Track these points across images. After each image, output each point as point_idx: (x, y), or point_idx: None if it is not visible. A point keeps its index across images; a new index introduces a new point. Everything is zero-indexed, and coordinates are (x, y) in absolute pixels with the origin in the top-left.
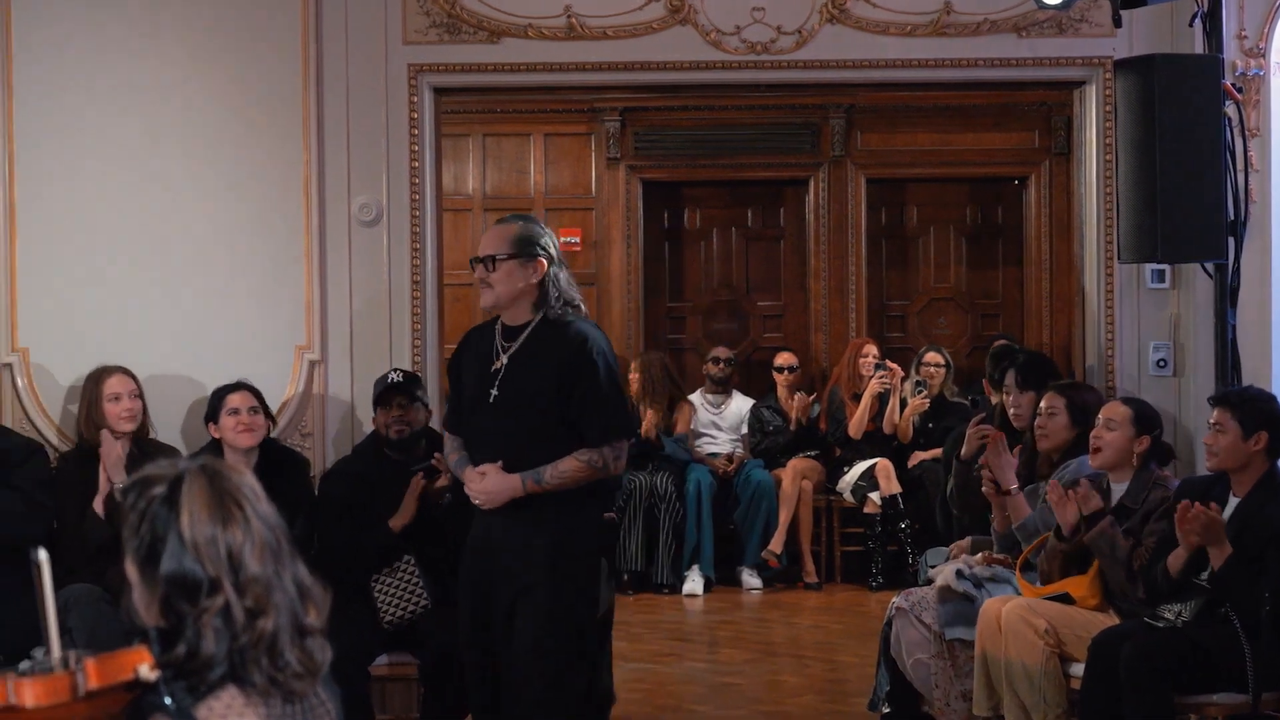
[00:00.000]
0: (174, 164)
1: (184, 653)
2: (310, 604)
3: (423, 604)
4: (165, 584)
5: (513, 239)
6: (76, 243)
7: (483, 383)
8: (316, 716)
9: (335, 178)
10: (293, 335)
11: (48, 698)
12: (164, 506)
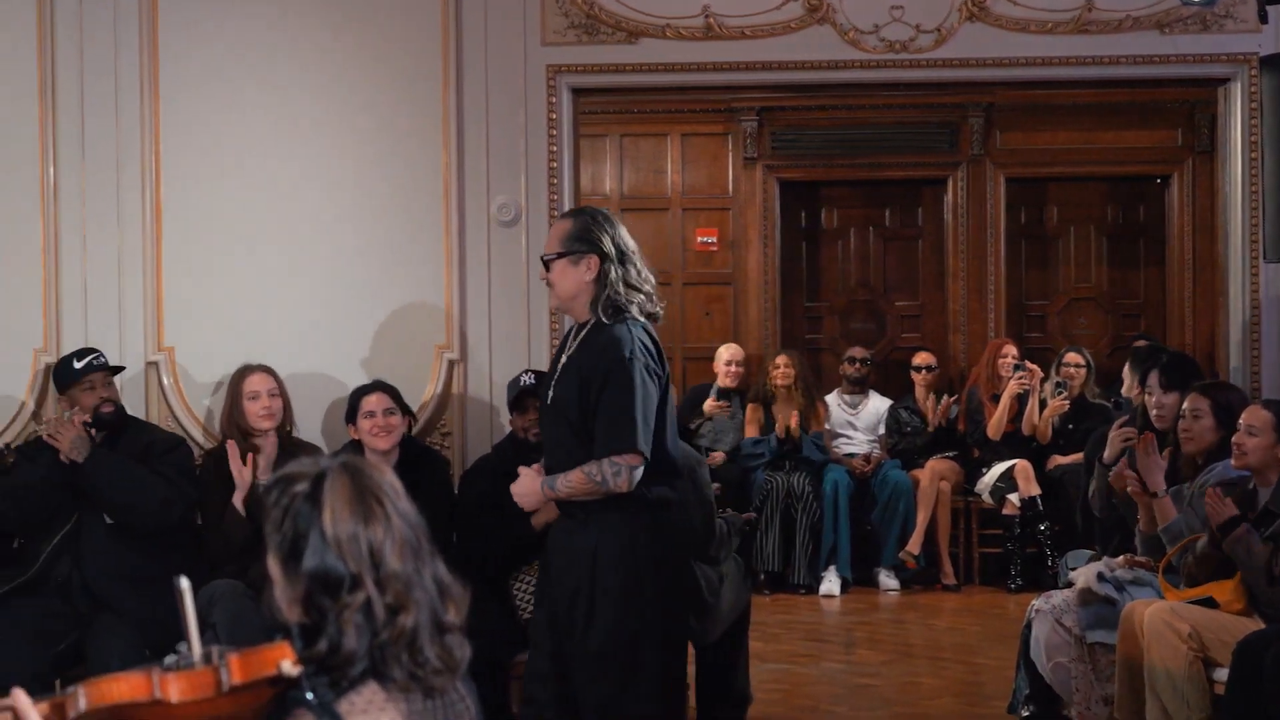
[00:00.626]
0: (316, 166)
1: (326, 648)
2: (450, 601)
3: None
4: (307, 580)
5: (564, 236)
6: (220, 243)
7: (546, 384)
8: (456, 713)
9: (474, 178)
10: (432, 335)
11: (192, 692)
12: (307, 504)
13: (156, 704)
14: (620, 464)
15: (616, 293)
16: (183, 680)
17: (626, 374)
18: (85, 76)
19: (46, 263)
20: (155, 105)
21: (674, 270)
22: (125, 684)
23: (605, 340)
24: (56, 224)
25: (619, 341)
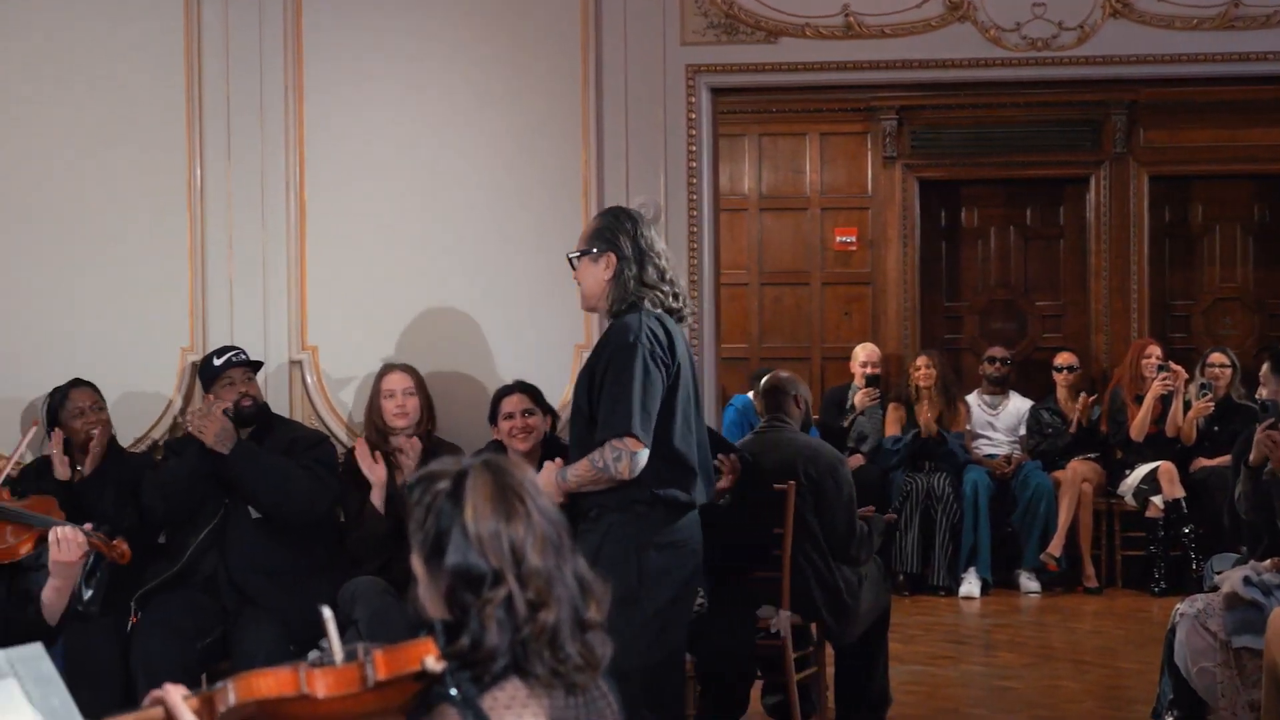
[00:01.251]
0: (456, 165)
1: (468, 644)
2: (591, 598)
3: (699, 602)
4: (450, 577)
5: (590, 234)
6: (363, 242)
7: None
8: (598, 709)
9: (614, 178)
10: (572, 334)
11: (339, 688)
12: (448, 502)
13: (303, 699)
14: (620, 449)
15: (628, 290)
16: (329, 676)
17: (627, 358)
18: (231, 78)
19: (193, 263)
20: (299, 106)
21: (812, 270)
22: (273, 679)
23: (611, 330)
24: (203, 225)
25: (624, 328)
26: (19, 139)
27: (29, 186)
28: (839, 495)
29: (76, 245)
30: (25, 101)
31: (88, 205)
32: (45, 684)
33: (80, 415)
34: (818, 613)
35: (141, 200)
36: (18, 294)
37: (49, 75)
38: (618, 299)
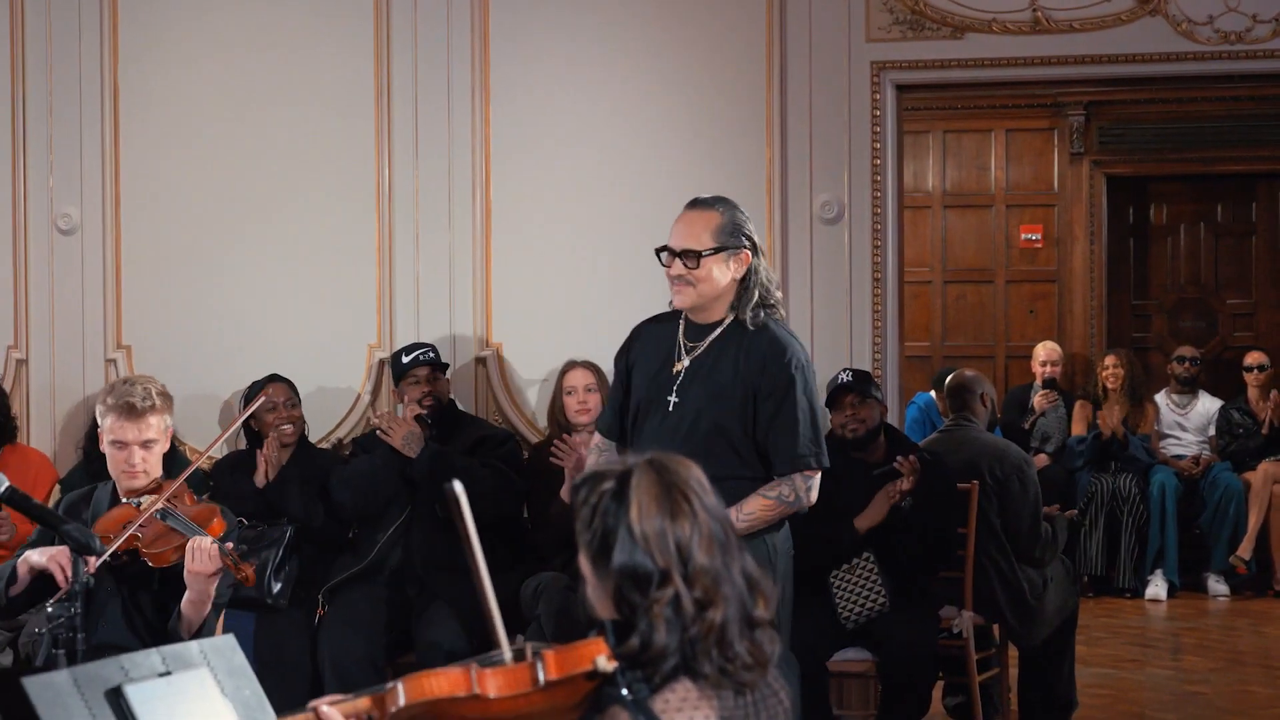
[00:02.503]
0: (640, 164)
1: (638, 645)
2: (760, 596)
3: (881, 602)
4: (617, 576)
5: (717, 229)
6: (547, 241)
7: (660, 386)
8: (768, 706)
9: (797, 176)
10: None
11: (509, 688)
12: (614, 501)
13: (474, 699)
14: (812, 479)
15: (767, 291)
16: (500, 676)
17: (805, 382)
18: (419, 78)
19: (381, 261)
20: (486, 107)
21: (996, 268)
22: (444, 679)
23: (773, 343)
24: (391, 224)
25: (792, 347)
26: (214, 147)
27: (223, 192)
28: (1024, 495)
29: (271, 246)
30: (219, 112)
31: (281, 208)
32: (237, 675)
33: (273, 409)
34: (1001, 614)
35: (332, 202)
36: (216, 295)
37: (240, 86)
38: (746, 303)
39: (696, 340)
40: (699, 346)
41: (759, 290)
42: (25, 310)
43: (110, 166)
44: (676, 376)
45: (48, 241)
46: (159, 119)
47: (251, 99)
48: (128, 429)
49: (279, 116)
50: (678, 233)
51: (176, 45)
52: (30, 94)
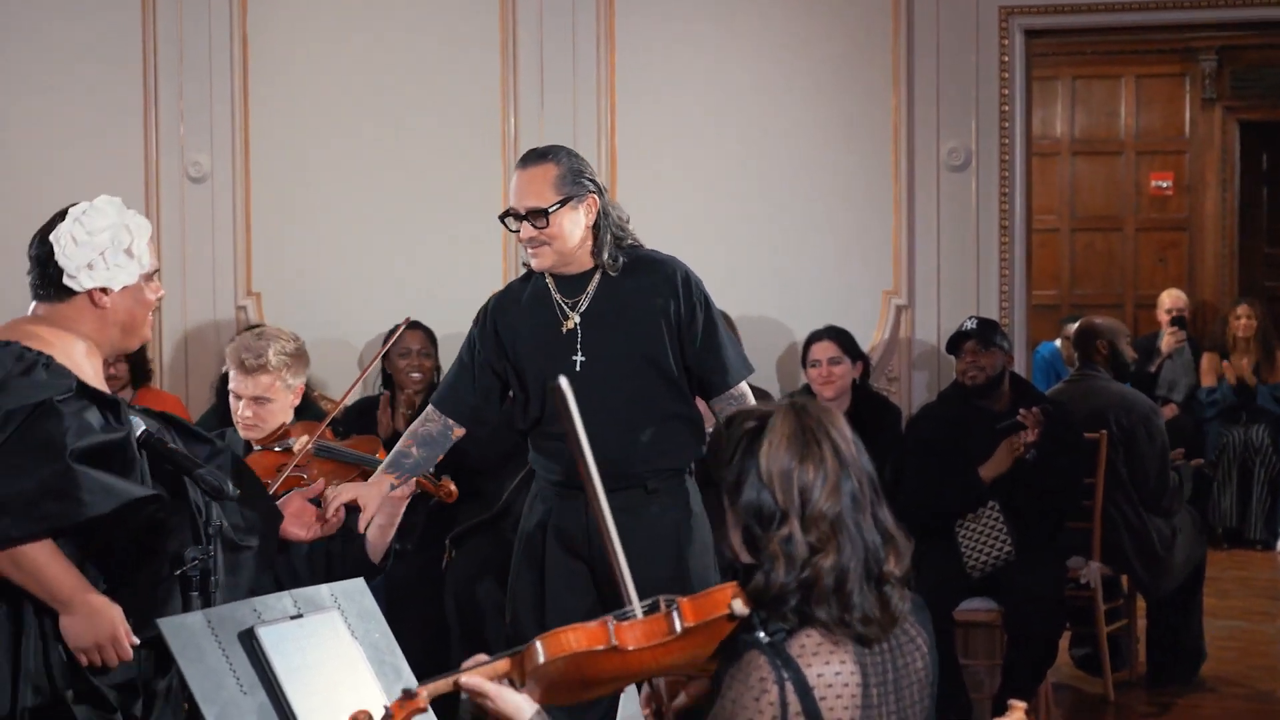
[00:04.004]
0: (765, 112)
1: (762, 582)
2: (892, 551)
3: (1007, 551)
4: (744, 513)
5: (558, 180)
6: (672, 193)
7: (555, 351)
8: (906, 654)
9: (924, 123)
10: (880, 280)
11: (647, 639)
12: (750, 440)
13: (612, 651)
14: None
15: (621, 230)
16: (637, 627)
17: (706, 294)
18: (544, 26)
19: None
20: (611, 54)
21: (1126, 215)
22: (582, 633)
23: (668, 273)
24: None
25: (684, 269)
26: (341, 93)
27: (350, 139)
28: (1151, 446)
29: (399, 193)
30: (346, 58)
31: (408, 154)
32: (367, 618)
33: (406, 355)
34: (1129, 564)
35: (458, 149)
36: (345, 242)
37: (367, 32)
38: (603, 247)
39: (574, 295)
40: (581, 300)
41: (613, 230)
42: (159, 256)
43: (240, 114)
44: (572, 336)
45: (179, 189)
46: (288, 67)
47: (378, 45)
48: (241, 383)
49: (405, 63)
50: (518, 192)
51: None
52: (161, 43)
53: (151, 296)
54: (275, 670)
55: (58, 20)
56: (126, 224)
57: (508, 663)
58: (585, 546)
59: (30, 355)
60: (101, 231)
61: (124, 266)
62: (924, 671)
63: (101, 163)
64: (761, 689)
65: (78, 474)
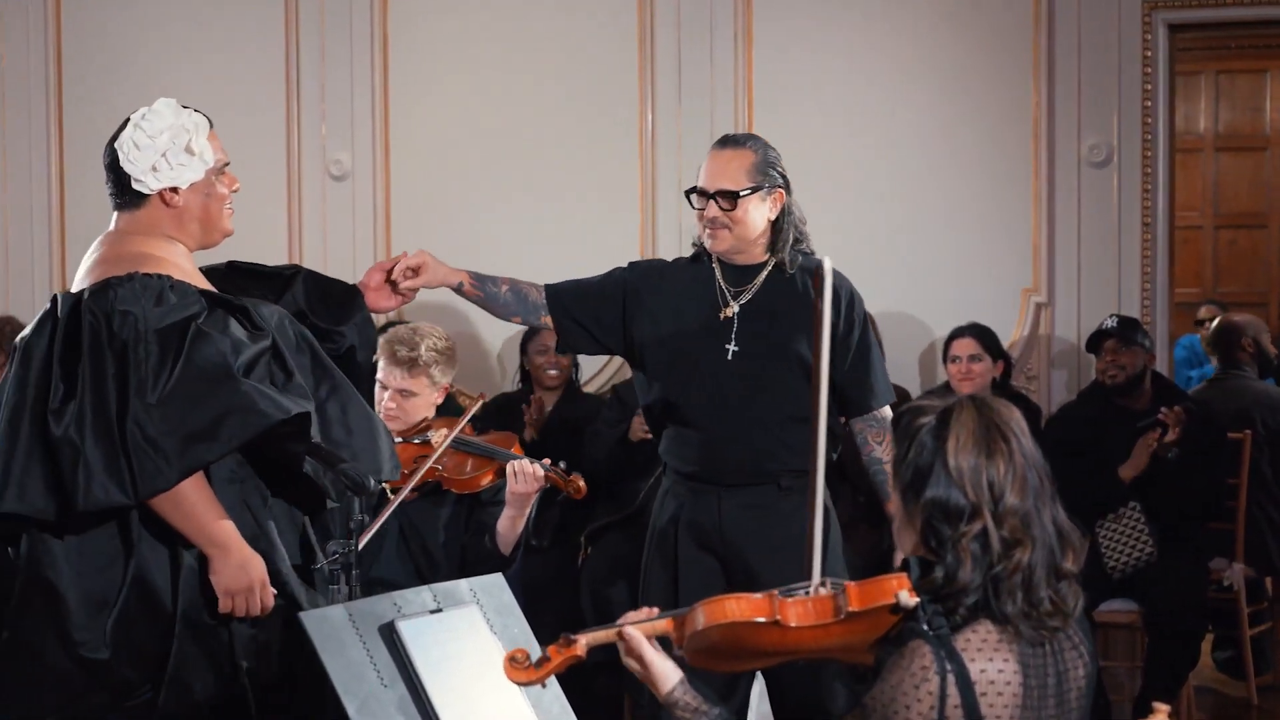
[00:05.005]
0: (906, 108)
1: (941, 577)
2: (1069, 548)
3: (1148, 552)
4: (927, 509)
5: (752, 167)
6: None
7: (708, 334)
8: (1068, 660)
9: (1065, 119)
10: (1020, 278)
11: (810, 618)
12: (931, 436)
13: (774, 625)
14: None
15: (800, 231)
16: (801, 606)
17: (866, 320)
18: (682, 24)
19: (644, 208)
20: (748, 50)
21: (1270, 213)
22: (746, 604)
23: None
24: (654, 169)
25: (844, 285)
26: (480, 92)
27: (489, 137)
28: None
29: (537, 190)
30: (486, 57)
31: (546, 152)
32: (506, 613)
33: (543, 353)
34: (1273, 566)
35: (596, 146)
36: (484, 239)
37: (506, 32)
38: (784, 243)
39: (741, 284)
40: (746, 291)
41: (793, 229)
42: (300, 254)
43: (380, 113)
44: (729, 323)
45: (320, 187)
46: (427, 65)
47: (517, 45)
48: (389, 373)
49: (544, 62)
50: (711, 173)
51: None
52: (303, 44)
53: (224, 190)
54: (415, 664)
55: (202, 19)
56: (184, 123)
57: (669, 623)
58: (718, 541)
59: (153, 282)
60: (161, 133)
61: (187, 165)
62: (1085, 680)
63: (244, 161)
64: (923, 677)
65: (250, 390)
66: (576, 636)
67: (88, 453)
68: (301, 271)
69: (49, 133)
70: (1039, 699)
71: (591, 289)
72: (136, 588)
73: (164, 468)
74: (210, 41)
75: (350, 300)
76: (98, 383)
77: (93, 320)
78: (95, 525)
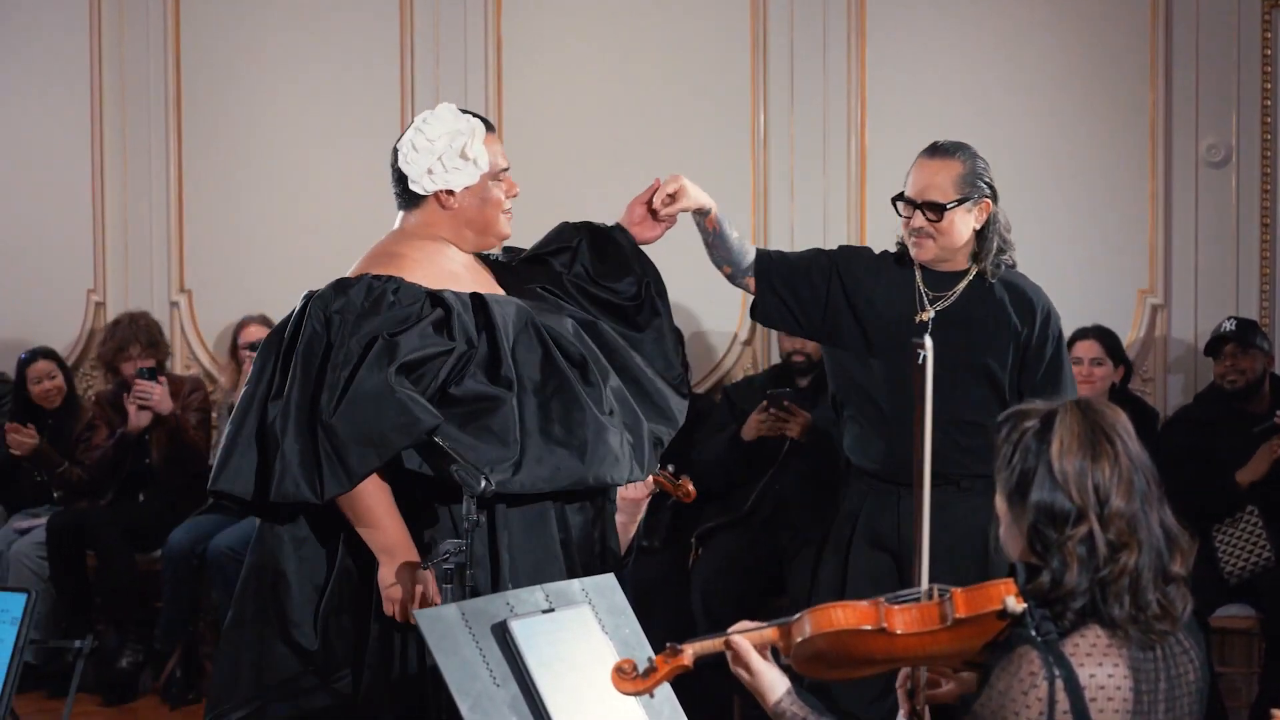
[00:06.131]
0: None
1: (1048, 582)
2: (1178, 551)
3: (1266, 557)
4: (1032, 513)
5: (959, 178)
6: None
7: (903, 335)
8: (1179, 664)
9: (1183, 118)
10: (1136, 278)
11: (917, 625)
12: (1036, 440)
13: (880, 633)
14: None
15: (1004, 241)
16: (908, 613)
17: (1061, 338)
18: (795, 30)
19: (756, 209)
20: (862, 49)
21: None
22: (851, 612)
23: (1030, 302)
24: (766, 170)
25: (1048, 304)
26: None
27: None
28: None
29: None
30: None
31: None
32: (618, 614)
33: None
34: None
35: (708, 147)
36: None
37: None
38: (988, 253)
39: (940, 290)
40: (945, 297)
41: (997, 239)
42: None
43: (494, 116)
44: (923, 328)
45: None
46: (539, 74)
47: (630, 50)
48: None
49: (657, 66)
50: (918, 182)
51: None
52: (418, 62)
53: (499, 195)
54: (527, 663)
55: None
56: (460, 128)
57: (775, 631)
58: (894, 540)
59: (378, 285)
60: (439, 137)
61: (461, 169)
62: (1196, 684)
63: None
64: (1031, 683)
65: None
66: (683, 646)
67: (286, 447)
68: (584, 236)
69: (168, 139)
70: (1149, 704)
71: (799, 266)
72: (343, 576)
73: (340, 472)
74: (326, 49)
75: (620, 249)
76: (304, 381)
77: (312, 320)
78: (314, 515)
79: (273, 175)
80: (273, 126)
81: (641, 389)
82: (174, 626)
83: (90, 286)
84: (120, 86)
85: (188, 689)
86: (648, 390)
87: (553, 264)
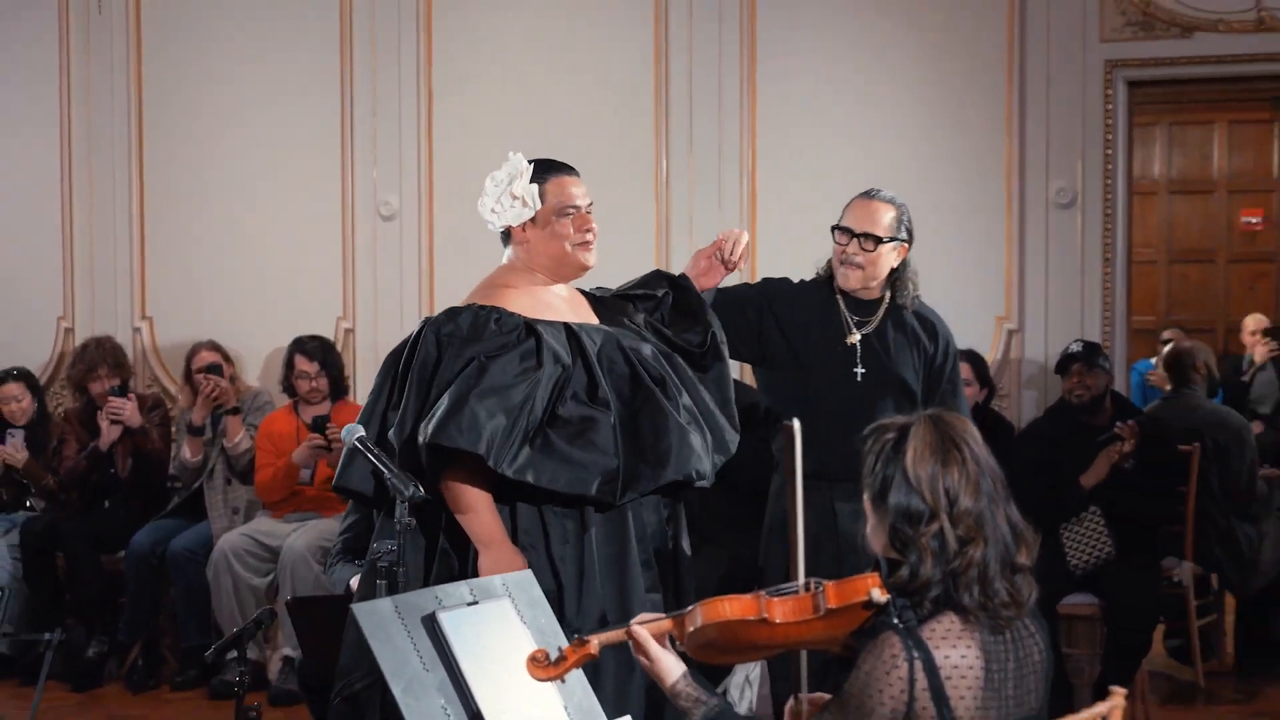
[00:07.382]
0: (891, 147)
1: (907, 574)
2: (1022, 544)
3: (1108, 551)
4: (892, 514)
5: (893, 221)
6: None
7: (835, 357)
8: (1025, 647)
9: (1034, 163)
10: (993, 306)
11: (793, 615)
12: (893, 449)
13: (761, 623)
14: None
15: (913, 281)
16: (786, 604)
17: (956, 359)
18: (693, 84)
19: (659, 243)
20: (753, 107)
21: (1218, 248)
22: (736, 604)
23: (936, 327)
24: (669, 207)
25: (940, 322)
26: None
27: None
28: (1242, 459)
29: None
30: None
31: None
32: (535, 606)
33: None
34: (1219, 565)
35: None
36: None
37: (541, 80)
38: (903, 288)
39: (862, 316)
40: (868, 322)
41: (907, 279)
42: (352, 287)
43: (425, 158)
44: (853, 350)
45: (371, 227)
46: (467, 115)
47: (551, 94)
48: None
49: (574, 111)
50: (860, 216)
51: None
52: (357, 97)
53: (566, 230)
54: (454, 650)
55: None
56: (508, 171)
57: (671, 622)
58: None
59: (483, 314)
60: (501, 181)
61: (511, 207)
62: (1041, 663)
63: (303, 202)
64: (894, 664)
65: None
66: (590, 638)
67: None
68: (667, 288)
69: (131, 180)
70: (999, 681)
71: (734, 301)
72: (444, 558)
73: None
74: (276, 88)
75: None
76: (419, 393)
77: (426, 342)
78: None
79: (227, 212)
80: (226, 167)
81: (704, 415)
82: (136, 620)
83: (60, 314)
84: (88, 134)
85: (148, 677)
86: (709, 418)
87: (640, 305)
